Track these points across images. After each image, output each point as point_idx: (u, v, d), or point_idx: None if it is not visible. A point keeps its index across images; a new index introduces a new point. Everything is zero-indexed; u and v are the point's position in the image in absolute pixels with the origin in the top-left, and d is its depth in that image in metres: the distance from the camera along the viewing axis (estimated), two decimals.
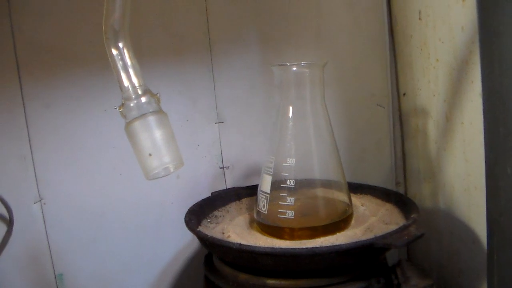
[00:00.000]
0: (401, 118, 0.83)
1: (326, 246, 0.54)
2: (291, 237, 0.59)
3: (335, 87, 0.80)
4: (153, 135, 0.47)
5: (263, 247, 0.55)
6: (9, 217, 0.73)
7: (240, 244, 0.54)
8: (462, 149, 0.63)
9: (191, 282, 0.83)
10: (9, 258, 0.75)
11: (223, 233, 0.62)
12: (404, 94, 0.80)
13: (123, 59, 0.47)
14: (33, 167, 0.76)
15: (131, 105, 0.48)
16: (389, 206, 0.67)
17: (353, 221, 0.63)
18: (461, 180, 0.64)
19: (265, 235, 0.61)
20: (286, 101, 0.61)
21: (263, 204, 0.61)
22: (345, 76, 0.81)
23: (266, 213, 0.61)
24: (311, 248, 0.53)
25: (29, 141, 0.76)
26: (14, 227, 0.74)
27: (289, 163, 0.59)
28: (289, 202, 0.59)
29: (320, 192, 0.62)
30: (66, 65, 0.76)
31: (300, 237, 0.59)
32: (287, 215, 0.59)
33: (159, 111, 0.49)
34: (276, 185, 0.60)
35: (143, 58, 0.50)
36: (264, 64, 0.80)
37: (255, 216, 0.63)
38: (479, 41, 0.42)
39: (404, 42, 0.78)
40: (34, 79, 0.75)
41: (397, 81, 0.82)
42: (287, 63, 0.60)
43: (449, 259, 0.70)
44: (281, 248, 0.55)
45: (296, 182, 0.59)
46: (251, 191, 0.74)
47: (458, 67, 0.61)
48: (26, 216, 0.76)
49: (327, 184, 0.62)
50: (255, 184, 0.67)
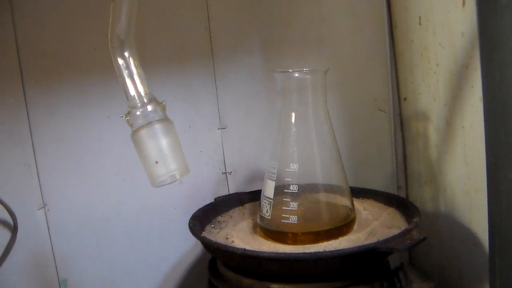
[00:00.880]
0: (402, 123, 0.83)
1: (330, 250, 0.54)
2: (295, 242, 0.59)
3: (336, 92, 0.80)
4: (159, 143, 0.48)
5: (268, 252, 0.56)
6: (14, 223, 0.73)
7: (244, 249, 0.54)
8: (463, 153, 0.63)
9: (194, 286, 0.83)
10: (13, 264, 0.75)
11: (227, 238, 0.62)
12: (405, 99, 0.80)
13: (128, 68, 0.47)
14: (37, 173, 0.77)
15: (137, 113, 0.48)
16: (391, 210, 0.68)
17: (355, 226, 0.63)
18: (462, 184, 0.64)
19: (268, 240, 0.61)
20: (288, 107, 0.62)
21: (266, 210, 0.61)
22: (346, 81, 0.81)
23: (269, 218, 0.61)
24: (314, 252, 0.54)
25: (33, 148, 0.76)
26: (18, 233, 0.74)
27: (292, 169, 0.60)
28: (292, 207, 0.59)
29: (323, 197, 0.62)
30: (69, 73, 0.76)
31: (303, 242, 0.59)
32: (290, 220, 0.59)
33: (165, 119, 0.49)
34: (279, 191, 0.60)
35: (145, 65, 0.51)
36: (266, 70, 0.80)
37: (258, 221, 0.64)
38: (479, 47, 0.42)
39: (404, 47, 0.78)
40: (37, 86, 0.75)
41: (398, 86, 0.82)
42: (289, 70, 0.60)
43: (450, 261, 0.70)
44: (285, 253, 0.55)
45: (299, 187, 0.60)
46: (253, 196, 0.74)
47: (458, 72, 0.61)
48: (30, 222, 0.76)
49: (329, 189, 0.62)
50: (257, 189, 0.67)
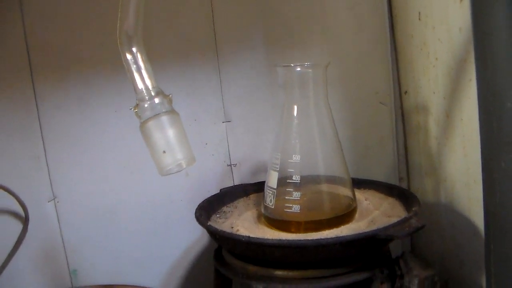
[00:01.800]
0: (403, 116, 0.83)
1: (331, 237, 0.55)
2: (297, 230, 0.60)
3: (339, 86, 0.81)
4: (166, 134, 0.49)
5: (271, 239, 0.57)
6: (25, 215, 0.75)
7: (249, 237, 0.56)
8: (462, 145, 0.63)
9: (201, 275, 0.85)
10: (25, 254, 0.77)
11: (232, 227, 0.64)
12: (406, 92, 0.81)
13: (136, 62, 0.49)
14: (47, 166, 0.78)
15: (145, 106, 0.50)
16: (391, 200, 0.69)
17: (357, 215, 0.64)
18: (461, 175, 0.65)
19: (272, 229, 0.62)
20: (290, 100, 0.63)
21: (270, 199, 0.62)
22: (348, 75, 0.82)
23: (273, 207, 0.62)
24: (316, 239, 0.55)
25: (42, 141, 0.77)
26: (29, 224, 0.76)
27: (294, 160, 0.61)
28: (295, 197, 0.60)
29: (324, 187, 0.63)
30: (77, 68, 0.77)
31: (306, 230, 0.60)
32: (293, 209, 0.60)
33: (171, 111, 0.51)
34: (283, 181, 0.62)
35: (151, 60, 0.52)
36: (269, 65, 0.81)
37: (262, 210, 0.65)
38: (473, 40, 0.44)
39: (405, 42, 0.79)
40: (46, 82, 0.76)
41: (398, 79, 0.82)
42: (291, 64, 0.61)
43: (450, 251, 0.71)
44: (288, 240, 0.56)
45: (302, 177, 0.61)
46: (258, 187, 0.75)
47: (457, 66, 0.61)
48: (41, 214, 0.78)
49: (331, 180, 0.64)
50: (261, 181, 0.68)
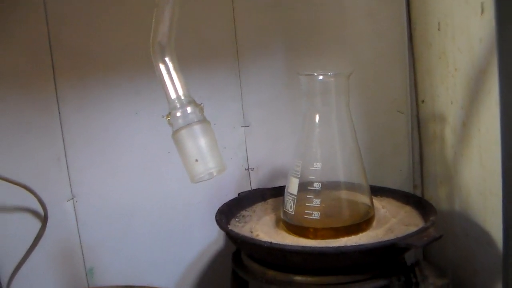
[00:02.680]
0: (420, 124, 0.84)
1: (352, 245, 0.56)
2: (316, 237, 0.61)
3: (356, 93, 0.81)
4: (198, 143, 0.50)
5: (293, 245, 0.58)
6: (44, 213, 0.76)
7: (270, 243, 0.57)
8: (479, 155, 0.64)
9: (216, 278, 0.85)
10: (42, 252, 0.77)
11: (251, 232, 0.65)
12: (423, 101, 0.81)
13: (169, 72, 0.50)
14: (67, 167, 0.79)
15: (178, 114, 0.51)
16: (408, 208, 0.70)
17: (374, 223, 0.65)
18: (477, 185, 0.65)
19: (291, 234, 0.63)
20: (312, 108, 0.64)
21: (290, 205, 0.63)
22: (366, 83, 0.82)
23: (293, 213, 0.63)
24: (337, 247, 0.56)
25: (63, 142, 0.78)
26: (48, 223, 0.76)
27: (315, 167, 0.62)
28: (315, 204, 0.61)
29: (344, 195, 0.64)
30: (99, 70, 0.78)
31: (324, 237, 0.61)
32: (313, 216, 0.61)
33: (203, 120, 0.52)
34: (303, 188, 0.62)
35: None
36: (289, 71, 0.81)
37: (281, 216, 0.66)
38: (497, 53, 0.44)
39: (423, 51, 0.79)
40: (68, 83, 0.77)
41: (416, 88, 0.82)
42: (314, 73, 0.62)
43: (464, 259, 0.71)
44: (310, 246, 0.57)
45: (322, 184, 0.62)
46: (276, 192, 0.76)
47: (476, 76, 0.62)
48: (60, 213, 0.79)
49: (350, 187, 0.64)
50: (279, 186, 0.69)
